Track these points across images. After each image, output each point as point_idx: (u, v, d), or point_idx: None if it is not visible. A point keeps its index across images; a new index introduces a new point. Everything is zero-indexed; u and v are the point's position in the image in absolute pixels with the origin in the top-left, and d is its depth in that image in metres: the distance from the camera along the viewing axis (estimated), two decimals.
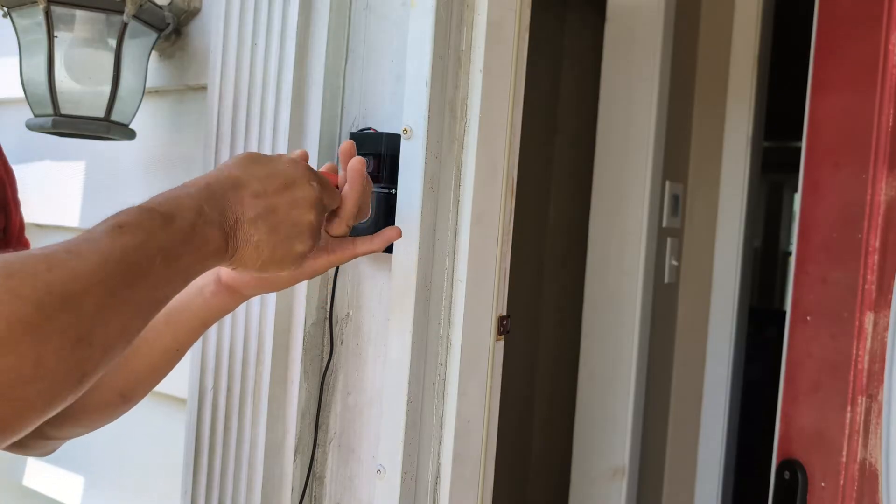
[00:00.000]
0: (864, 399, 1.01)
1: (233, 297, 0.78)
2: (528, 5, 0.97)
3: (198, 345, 1.03)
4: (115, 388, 0.76)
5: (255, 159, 0.66)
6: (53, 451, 0.81)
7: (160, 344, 0.76)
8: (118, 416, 0.80)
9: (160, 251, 0.53)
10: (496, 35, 0.92)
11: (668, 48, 1.92)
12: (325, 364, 1.00)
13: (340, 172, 0.77)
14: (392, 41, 0.95)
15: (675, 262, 2.10)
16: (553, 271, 2.14)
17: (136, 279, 0.51)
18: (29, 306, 0.44)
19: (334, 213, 0.75)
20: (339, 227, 0.75)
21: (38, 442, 0.77)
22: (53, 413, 0.48)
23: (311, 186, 0.67)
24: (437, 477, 0.93)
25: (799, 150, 1.12)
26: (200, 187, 0.60)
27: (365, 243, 0.78)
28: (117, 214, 0.54)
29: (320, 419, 0.99)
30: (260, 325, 0.98)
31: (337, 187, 0.76)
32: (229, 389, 1.00)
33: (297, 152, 0.75)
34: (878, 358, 1.00)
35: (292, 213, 0.65)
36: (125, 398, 0.78)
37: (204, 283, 0.76)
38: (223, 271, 0.76)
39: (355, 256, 0.78)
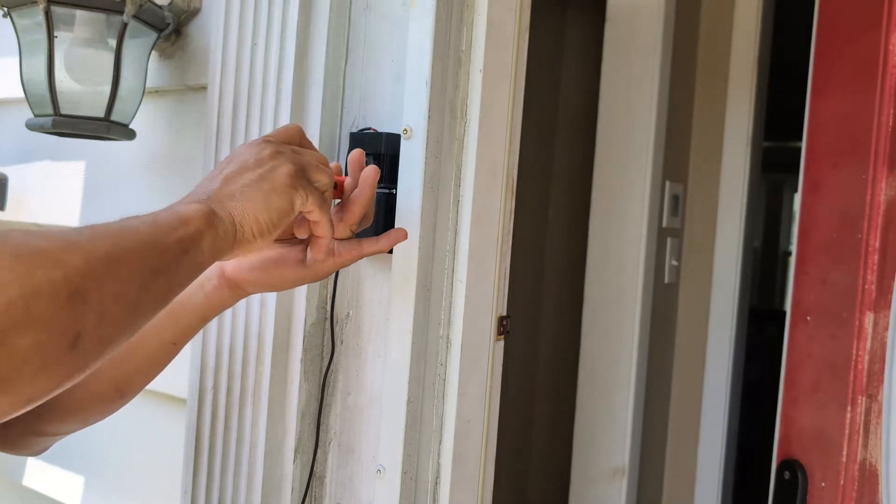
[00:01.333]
0: (864, 399, 1.01)
1: (234, 292, 0.78)
2: (528, 5, 0.97)
3: (198, 344, 1.03)
4: (111, 380, 0.76)
5: (215, 169, 0.68)
6: (45, 449, 0.81)
7: (158, 337, 0.76)
8: (112, 412, 0.80)
9: (141, 224, 0.55)
10: (496, 35, 0.92)
11: (668, 48, 1.92)
12: (325, 364, 1.00)
13: (348, 179, 0.78)
14: (392, 41, 0.95)
15: (675, 262, 2.10)
16: (553, 271, 2.14)
17: (120, 242, 0.52)
18: (6, 256, 0.45)
19: (339, 218, 0.75)
20: (343, 230, 0.76)
21: (29, 440, 0.77)
22: (51, 387, 0.47)
23: (244, 145, 0.68)
24: (437, 477, 0.93)
25: (799, 150, 1.12)
26: (180, 202, 0.62)
27: (371, 244, 0.78)
28: None
29: (320, 419, 0.99)
30: (260, 325, 0.98)
31: (343, 190, 0.77)
32: (229, 389, 1.00)
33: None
34: (878, 358, 1.00)
35: (248, 162, 0.66)
36: (121, 392, 0.78)
37: (206, 277, 0.76)
38: (227, 266, 0.76)
39: (362, 257, 0.79)
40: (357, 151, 0.79)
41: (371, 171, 0.75)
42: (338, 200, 0.78)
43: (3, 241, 0.46)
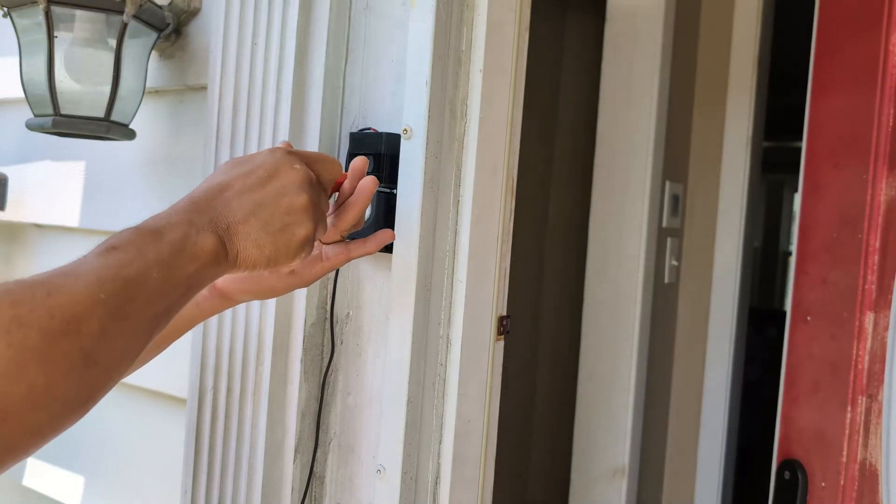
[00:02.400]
0: (864, 399, 1.01)
1: (224, 301, 0.78)
2: (528, 5, 0.97)
3: (198, 344, 1.03)
4: None
5: (234, 163, 0.66)
6: None
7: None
8: None
9: (155, 264, 0.54)
10: (496, 35, 0.92)
11: (668, 48, 1.92)
12: (325, 364, 1.00)
13: (347, 183, 0.77)
14: (392, 41, 0.95)
15: (675, 262, 2.10)
16: (553, 271, 2.14)
17: (134, 295, 0.52)
18: (34, 333, 0.44)
19: (332, 222, 0.75)
20: (334, 235, 0.75)
21: None
22: (58, 436, 0.48)
23: (294, 170, 0.66)
24: (437, 477, 0.93)
25: (799, 150, 1.12)
26: (186, 202, 0.61)
27: (358, 247, 0.78)
28: (109, 238, 0.54)
29: (320, 419, 0.99)
30: (260, 325, 0.98)
31: (340, 192, 0.77)
32: (229, 389, 1.00)
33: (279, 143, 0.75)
34: (878, 358, 1.00)
35: (282, 200, 0.64)
36: None
37: None
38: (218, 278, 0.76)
39: (349, 260, 0.79)
40: (361, 160, 0.78)
41: (370, 182, 0.75)
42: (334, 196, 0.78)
43: (31, 305, 0.45)
